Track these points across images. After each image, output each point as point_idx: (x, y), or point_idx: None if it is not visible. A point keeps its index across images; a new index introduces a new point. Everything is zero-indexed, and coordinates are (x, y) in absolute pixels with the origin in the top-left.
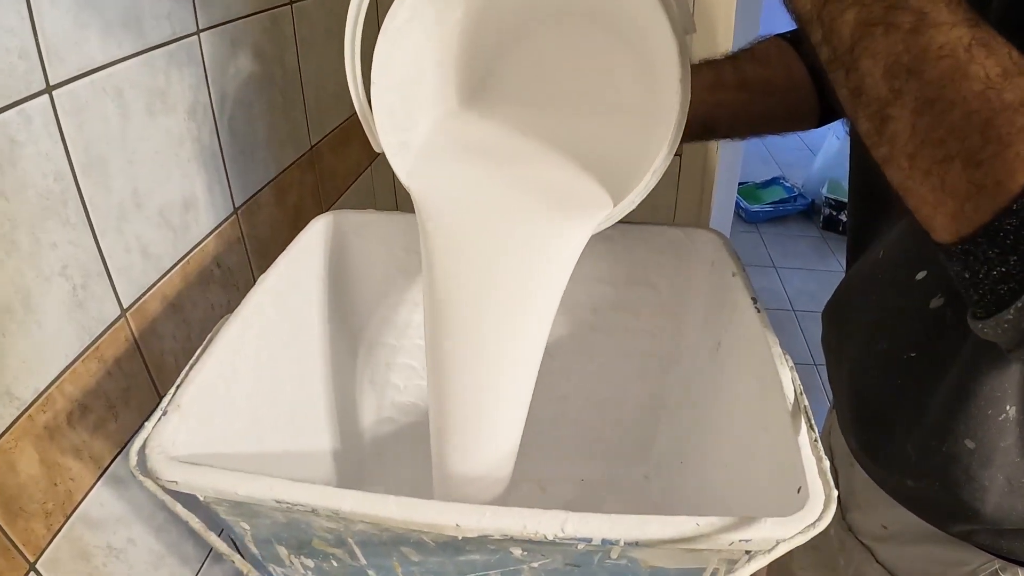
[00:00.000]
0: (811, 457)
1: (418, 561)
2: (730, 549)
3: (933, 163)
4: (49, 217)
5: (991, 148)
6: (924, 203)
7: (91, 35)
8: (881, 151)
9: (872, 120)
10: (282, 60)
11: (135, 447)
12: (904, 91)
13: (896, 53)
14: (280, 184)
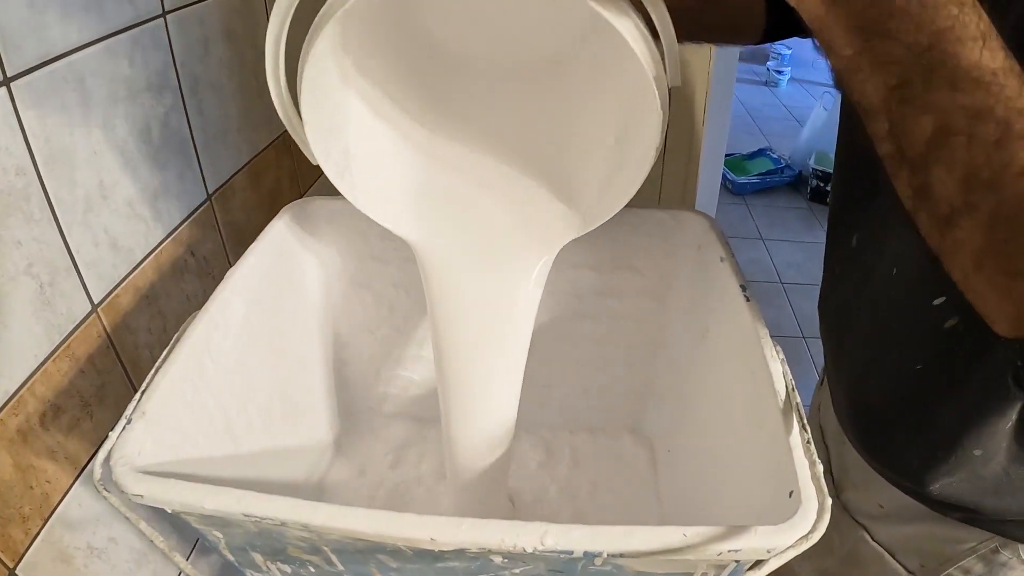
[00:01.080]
0: (803, 460)
1: (396, 567)
2: (718, 559)
3: (1000, 274)
4: (12, 214)
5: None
6: (985, 302)
7: (50, 21)
8: (943, 246)
9: (935, 221)
10: (254, 41)
11: (99, 458)
12: (979, 205)
13: (976, 166)
14: (255, 168)
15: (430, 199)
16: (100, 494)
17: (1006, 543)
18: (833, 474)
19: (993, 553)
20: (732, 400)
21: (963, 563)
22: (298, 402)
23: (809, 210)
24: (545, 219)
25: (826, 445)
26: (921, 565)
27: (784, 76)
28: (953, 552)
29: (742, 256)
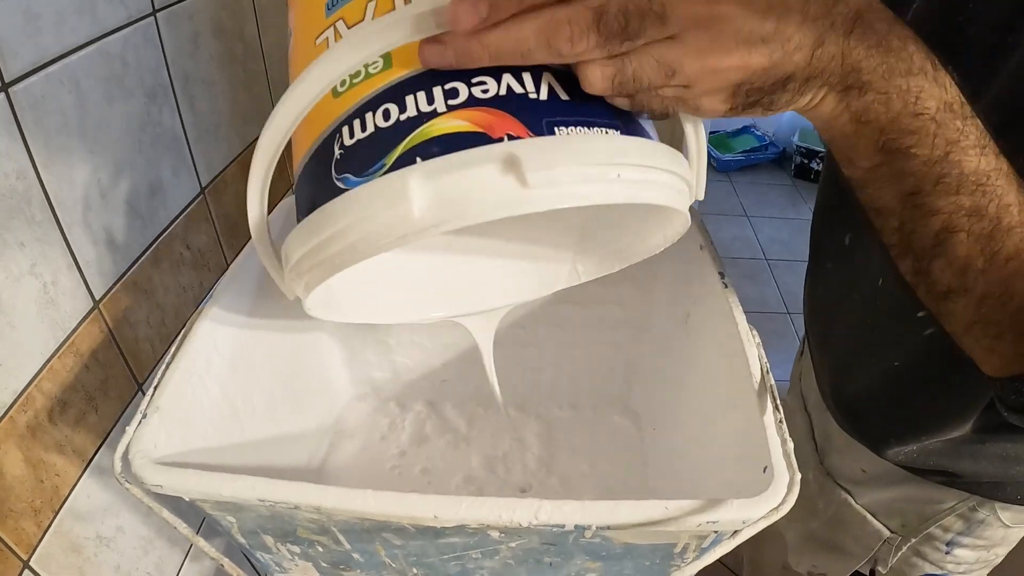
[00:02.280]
0: (776, 438)
1: (400, 544)
2: (698, 529)
3: (986, 336)
4: (14, 216)
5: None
6: (973, 353)
7: (44, 25)
8: (938, 312)
9: (931, 297)
10: (242, 34)
11: (118, 453)
12: (972, 287)
13: (972, 257)
14: (246, 160)
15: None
16: (121, 486)
17: (983, 502)
18: (816, 441)
19: (971, 511)
20: (712, 381)
21: (943, 522)
22: (299, 389)
23: (793, 186)
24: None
25: (808, 413)
26: (902, 525)
27: None
28: (933, 512)
29: (727, 233)
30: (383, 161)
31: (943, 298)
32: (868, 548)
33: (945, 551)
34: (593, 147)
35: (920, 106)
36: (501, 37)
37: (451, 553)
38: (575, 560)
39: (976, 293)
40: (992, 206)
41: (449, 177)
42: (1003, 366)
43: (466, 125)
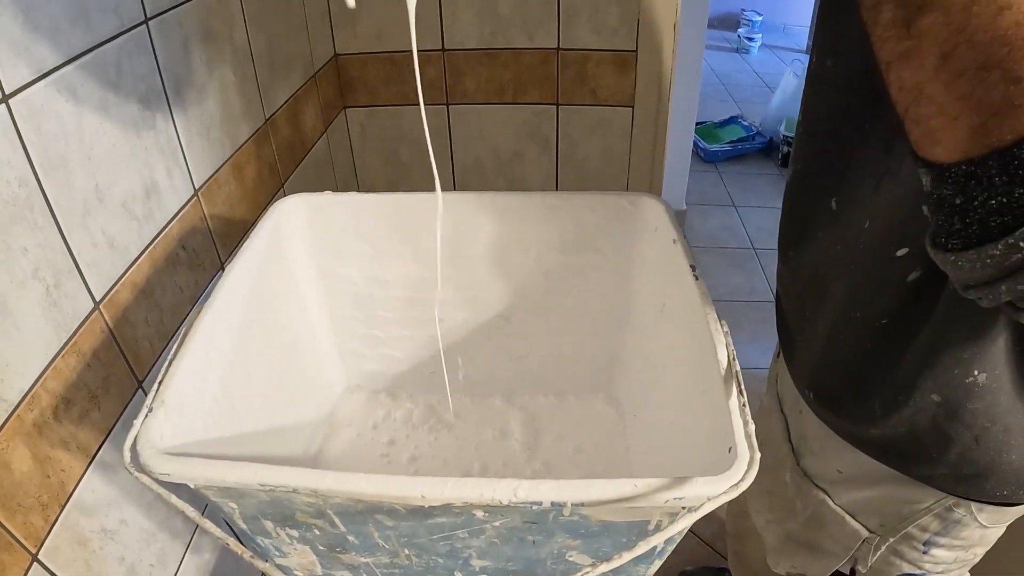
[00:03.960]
0: (739, 420)
1: (392, 526)
2: (666, 506)
3: (970, 66)
4: (17, 222)
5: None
6: (940, 112)
7: (41, 37)
8: (902, 45)
9: (905, 7)
10: (231, 38)
11: (127, 444)
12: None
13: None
14: (237, 161)
15: None
16: (130, 476)
17: (960, 502)
18: (792, 442)
19: (948, 511)
20: (684, 368)
21: (920, 521)
22: (294, 383)
23: (780, 176)
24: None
25: (784, 415)
26: (881, 524)
27: (755, 43)
28: (910, 512)
29: (715, 222)
30: None
31: (918, 8)
32: (847, 548)
33: (923, 550)
34: None
35: None
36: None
37: (440, 533)
38: (556, 538)
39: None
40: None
41: None
42: (971, 132)
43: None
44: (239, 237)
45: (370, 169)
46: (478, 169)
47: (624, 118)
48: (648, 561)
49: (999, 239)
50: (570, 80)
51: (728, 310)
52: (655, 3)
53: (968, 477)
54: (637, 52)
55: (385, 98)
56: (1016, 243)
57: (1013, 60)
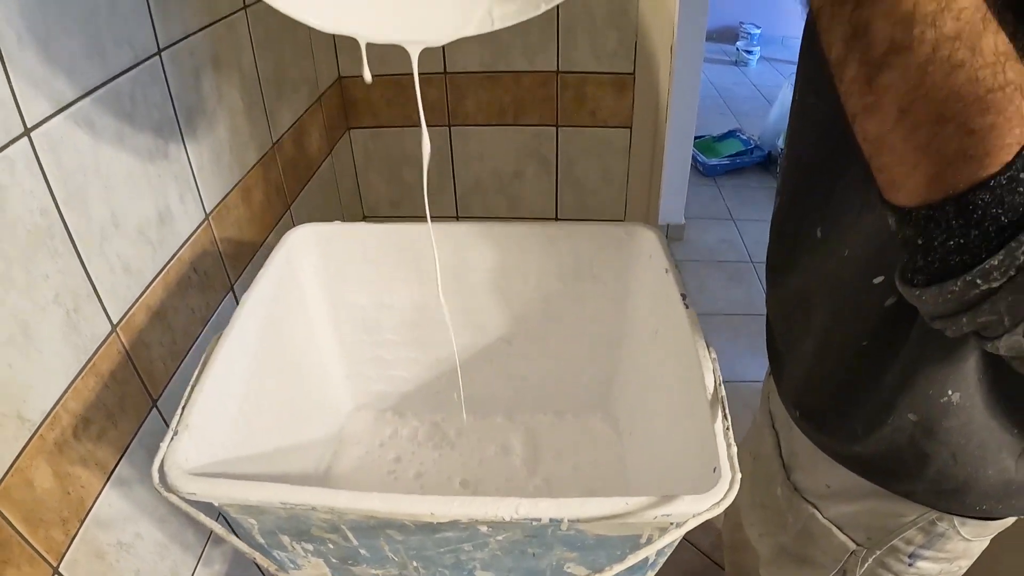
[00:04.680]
0: (723, 443)
1: (401, 539)
2: (655, 522)
3: (926, 120)
4: (39, 250)
5: (989, 119)
6: (901, 161)
7: (59, 72)
8: (864, 100)
9: (867, 65)
10: (239, 64)
11: (154, 465)
12: (916, 42)
13: (917, 1)
14: (246, 185)
15: None
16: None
17: (942, 516)
18: (783, 458)
19: (931, 525)
20: (675, 390)
21: (905, 534)
22: (306, 403)
23: None
24: None
25: (775, 430)
26: (868, 538)
27: (753, 56)
28: (896, 525)
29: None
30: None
31: (879, 66)
32: (836, 560)
33: (908, 563)
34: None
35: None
36: None
37: (446, 546)
38: (555, 551)
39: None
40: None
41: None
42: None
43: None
44: (248, 259)
45: (374, 190)
46: (479, 188)
47: (622, 138)
48: (642, 572)
49: (958, 276)
50: (569, 102)
51: (726, 323)
52: (652, 27)
53: (948, 492)
54: (635, 75)
55: (388, 119)
56: (973, 280)
57: (967, 114)
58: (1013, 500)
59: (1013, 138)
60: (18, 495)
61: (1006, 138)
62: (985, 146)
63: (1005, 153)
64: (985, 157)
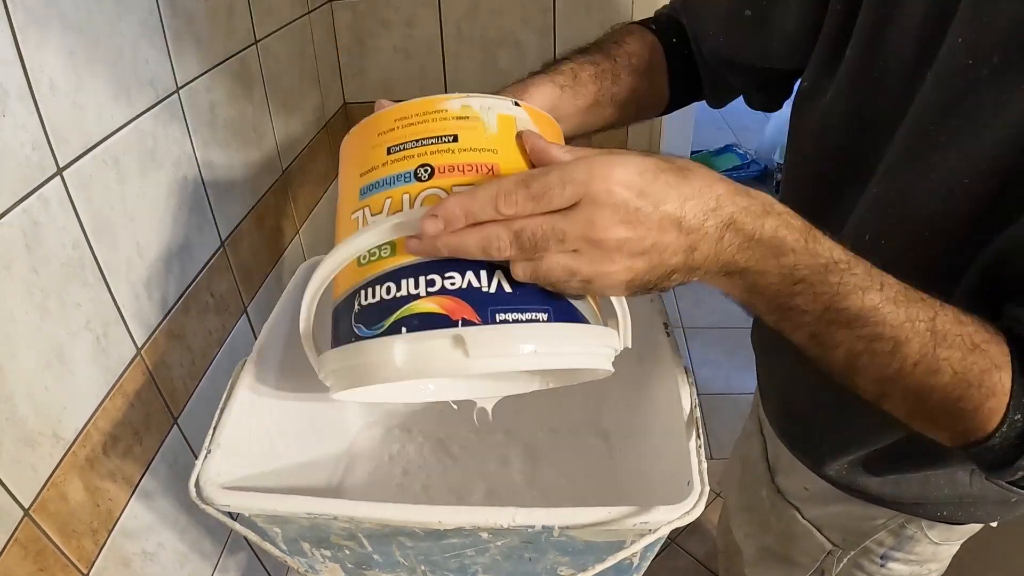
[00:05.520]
0: (696, 459)
1: (411, 546)
2: (635, 528)
3: (925, 423)
4: (71, 281)
5: (969, 407)
6: (926, 434)
7: (88, 114)
8: (881, 409)
9: (869, 399)
10: (251, 97)
11: (191, 481)
12: (893, 392)
13: (882, 368)
14: (259, 212)
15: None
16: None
17: (911, 519)
18: (769, 461)
19: (901, 528)
20: (657, 411)
21: (876, 537)
22: (320, 422)
23: None
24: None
25: (763, 436)
26: (843, 539)
27: None
28: (868, 528)
29: None
30: (382, 323)
31: (877, 400)
32: (814, 560)
33: (880, 564)
34: (517, 332)
35: (796, 275)
36: (453, 242)
37: (451, 552)
38: (549, 555)
39: (898, 395)
40: (886, 328)
41: (419, 345)
42: (953, 439)
43: (436, 308)
44: (260, 282)
45: None
46: None
47: (618, 134)
48: (627, 574)
49: (1010, 466)
50: None
51: (723, 337)
52: None
53: (908, 505)
54: None
55: None
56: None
57: (953, 412)
58: (971, 509)
59: (995, 404)
60: (53, 508)
61: (989, 408)
62: (977, 421)
63: (994, 417)
64: (981, 427)
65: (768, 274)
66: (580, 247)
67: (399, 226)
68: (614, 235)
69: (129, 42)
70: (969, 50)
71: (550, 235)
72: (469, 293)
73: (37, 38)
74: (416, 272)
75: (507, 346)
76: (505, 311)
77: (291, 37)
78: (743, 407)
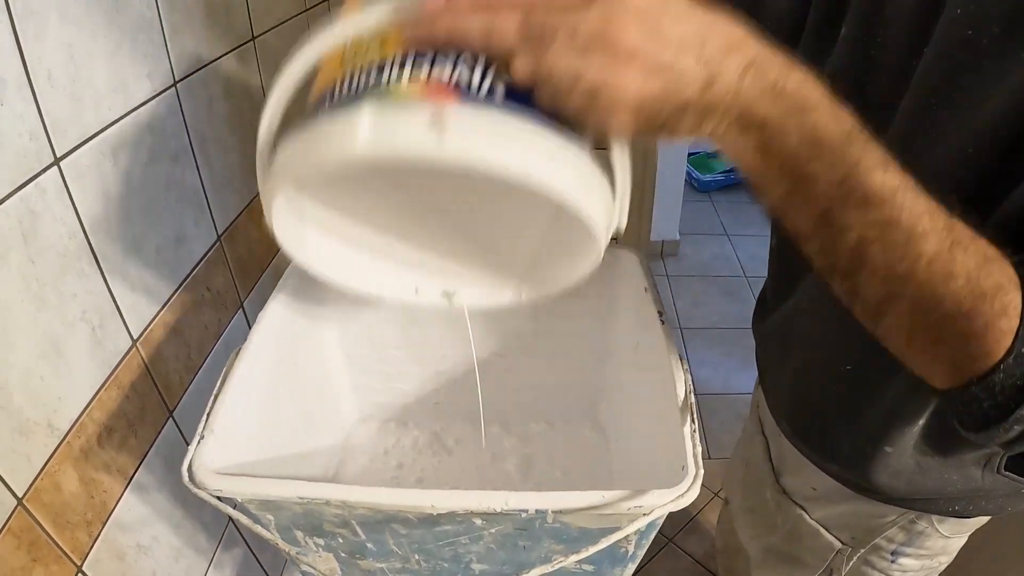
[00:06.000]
0: (690, 444)
1: (405, 533)
2: (629, 513)
3: (928, 342)
4: (68, 272)
5: (980, 323)
6: (922, 367)
7: (86, 106)
8: (876, 332)
9: (868, 314)
10: (249, 93)
11: (184, 466)
12: (901, 293)
13: (892, 263)
14: (255, 207)
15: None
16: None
17: (921, 515)
18: (773, 462)
19: (911, 524)
20: (652, 399)
21: (887, 533)
22: (315, 414)
23: None
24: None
25: (765, 436)
26: (852, 537)
27: None
28: (878, 525)
29: (708, 252)
30: (350, 107)
31: (878, 313)
32: (823, 559)
33: (891, 560)
34: (511, 125)
35: (817, 135)
36: (453, 23)
37: (445, 540)
38: (543, 543)
39: (906, 299)
40: (904, 215)
41: (390, 117)
42: (951, 373)
43: (419, 94)
44: (257, 277)
45: None
46: None
47: None
48: (622, 564)
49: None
50: None
51: (721, 337)
52: None
53: (920, 501)
54: None
55: None
56: (1011, 426)
57: (960, 328)
58: (983, 502)
59: (1006, 326)
60: (47, 498)
61: (999, 329)
62: (985, 344)
63: (1004, 340)
64: (988, 352)
65: (788, 132)
66: (591, 46)
67: (397, 10)
68: (630, 38)
69: (127, 35)
70: (969, 21)
71: (561, 25)
72: (458, 88)
73: (35, 30)
74: (402, 63)
75: (491, 134)
76: (494, 111)
77: (288, 34)
78: (741, 407)
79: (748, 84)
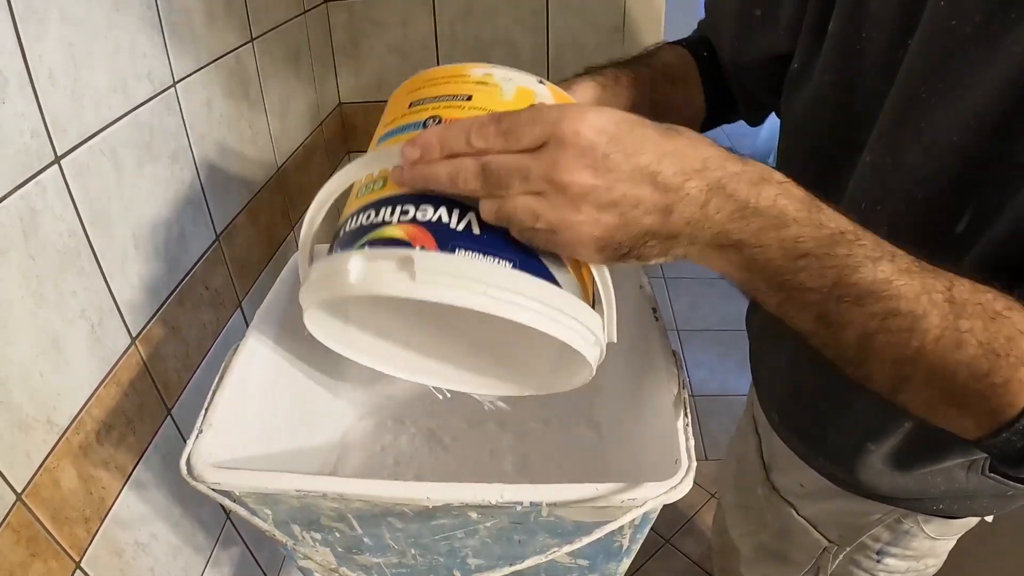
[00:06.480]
0: (683, 438)
1: (401, 528)
2: (623, 505)
3: (951, 407)
4: (67, 269)
5: (997, 381)
6: (948, 426)
7: (86, 105)
8: (900, 404)
9: (886, 393)
10: (247, 94)
11: (182, 459)
12: (913, 375)
13: (899, 348)
14: (253, 207)
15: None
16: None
17: (906, 514)
18: (764, 459)
19: (896, 523)
20: (646, 394)
21: (873, 532)
22: (314, 411)
23: None
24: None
25: (758, 434)
26: (840, 535)
27: None
28: (864, 523)
29: None
30: (353, 245)
31: (895, 392)
32: (810, 557)
33: (876, 559)
34: (472, 267)
35: (800, 249)
36: (426, 171)
37: (441, 534)
38: (538, 537)
39: (920, 377)
40: (902, 303)
41: (373, 263)
42: (979, 425)
43: (402, 234)
44: (255, 276)
45: None
46: None
47: None
48: (617, 557)
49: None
50: None
51: (718, 339)
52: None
53: (905, 499)
54: None
55: None
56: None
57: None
58: (967, 503)
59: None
60: (46, 494)
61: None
62: (1007, 396)
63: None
64: (1011, 402)
65: (768, 248)
66: (544, 189)
67: (383, 155)
68: (578, 179)
69: (127, 36)
70: (952, 10)
71: (514, 171)
72: (436, 226)
73: (37, 29)
74: (396, 202)
75: (456, 276)
76: (467, 248)
77: (287, 36)
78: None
79: (714, 208)
